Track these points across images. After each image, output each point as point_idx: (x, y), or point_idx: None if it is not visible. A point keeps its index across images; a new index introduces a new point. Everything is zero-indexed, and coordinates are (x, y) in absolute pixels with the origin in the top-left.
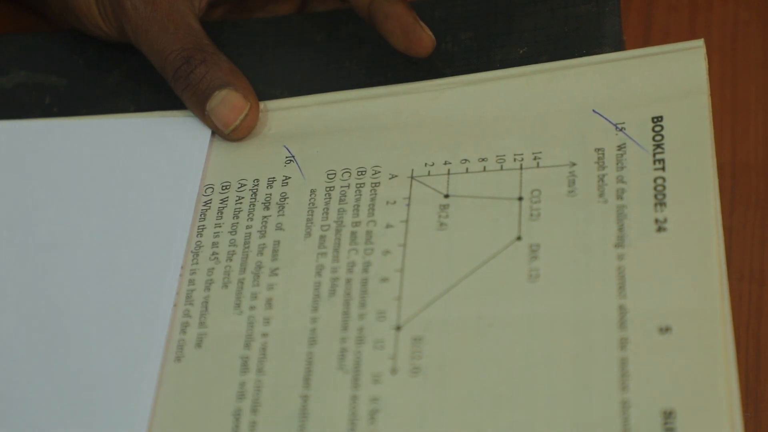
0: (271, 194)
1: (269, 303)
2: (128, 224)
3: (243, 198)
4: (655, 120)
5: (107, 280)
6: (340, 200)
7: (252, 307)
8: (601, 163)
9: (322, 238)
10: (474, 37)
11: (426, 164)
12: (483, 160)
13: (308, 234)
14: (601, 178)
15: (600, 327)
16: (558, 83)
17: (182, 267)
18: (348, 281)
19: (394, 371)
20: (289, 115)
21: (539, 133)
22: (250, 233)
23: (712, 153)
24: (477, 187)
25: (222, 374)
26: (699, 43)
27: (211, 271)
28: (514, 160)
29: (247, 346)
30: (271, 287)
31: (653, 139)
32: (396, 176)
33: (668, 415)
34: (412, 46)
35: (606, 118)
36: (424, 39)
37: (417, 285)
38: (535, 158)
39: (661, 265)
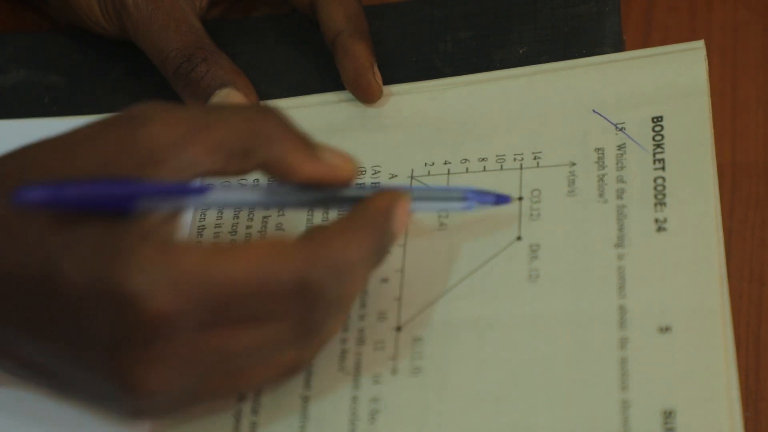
0: None
1: None
2: None
3: None
4: (655, 120)
5: None
6: None
7: None
8: (601, 163)
9: None
10: (474, 36)
11: (426, 164)
12: (483, 159)
13: None
14: (601, 178)
15: (600, 327)
16: (558, 83)
17: None
18: None
19: (394, 372)
20: (289, 114)
21: (539, 133)
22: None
23: (712, 153)
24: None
25: None
26: (699, 44)
27: None
28: (514, 159)
29: None
30: None
31: (653, 139)
32: (396, 176)
33: (668, 414)
34: (359, 90)
35: (606, 118)
36: (372, 86)
37: (417, 285)
38: (535, 158)
39: (661, 265)
